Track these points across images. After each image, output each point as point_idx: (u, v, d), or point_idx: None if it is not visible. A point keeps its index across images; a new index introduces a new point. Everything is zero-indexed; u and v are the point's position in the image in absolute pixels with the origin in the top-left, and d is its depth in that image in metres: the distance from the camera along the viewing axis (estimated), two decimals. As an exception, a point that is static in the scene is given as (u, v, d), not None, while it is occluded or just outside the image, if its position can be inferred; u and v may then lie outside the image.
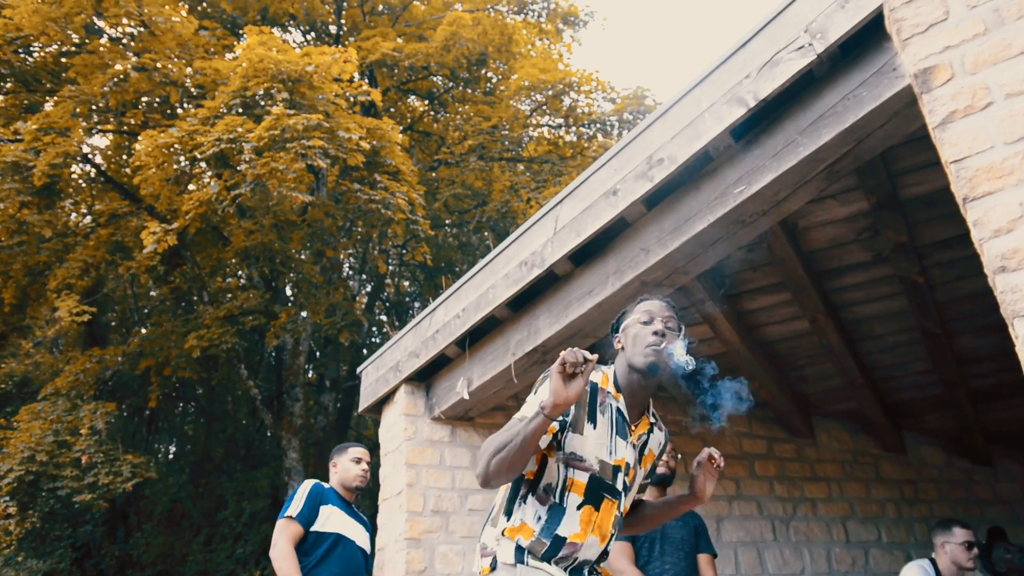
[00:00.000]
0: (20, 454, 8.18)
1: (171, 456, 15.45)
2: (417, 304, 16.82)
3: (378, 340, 15.26)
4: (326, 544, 3.17)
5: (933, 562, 3.62)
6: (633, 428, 1.88)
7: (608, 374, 1.93)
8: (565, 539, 1.76)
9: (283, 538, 3.11)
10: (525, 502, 1.83)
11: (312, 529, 3.18)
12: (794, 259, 3.96)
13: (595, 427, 1.83)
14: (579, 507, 1.78)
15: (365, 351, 14.31)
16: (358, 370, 5.61)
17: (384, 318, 16.13)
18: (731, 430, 5.41)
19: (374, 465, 5.47)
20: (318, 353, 13.01)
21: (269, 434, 12.75)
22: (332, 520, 3.24)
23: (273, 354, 13.42)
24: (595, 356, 1.66)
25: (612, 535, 1.83)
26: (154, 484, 11.33)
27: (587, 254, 3.63)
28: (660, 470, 3.55)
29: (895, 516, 5.63)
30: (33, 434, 8.39)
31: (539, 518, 1.79)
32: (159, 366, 10.37)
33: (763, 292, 4.42)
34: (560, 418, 1.79)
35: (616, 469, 1.82)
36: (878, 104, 2.53)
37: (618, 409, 1.87)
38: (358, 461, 3.48)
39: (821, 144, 2.68)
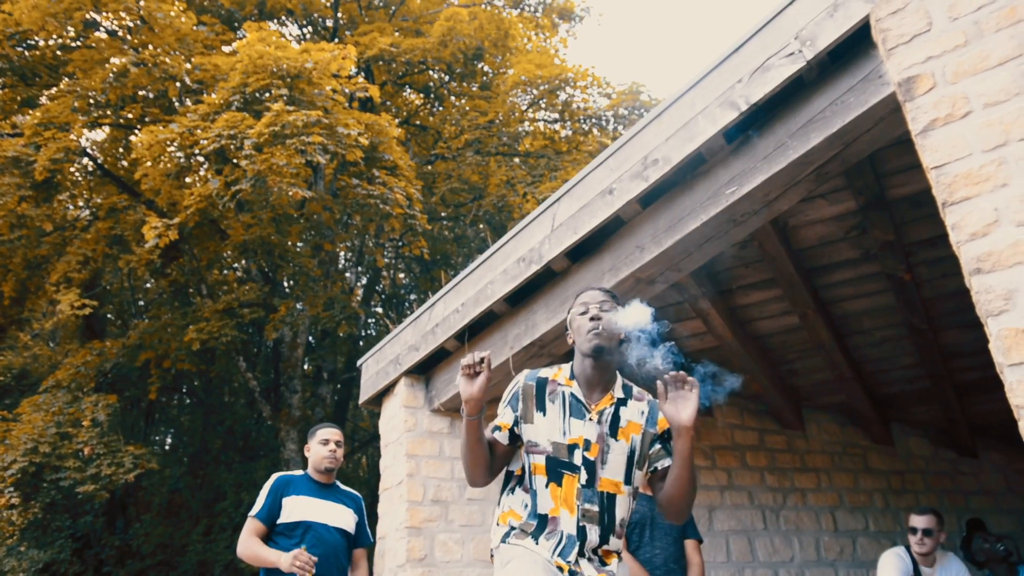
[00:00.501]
0: (23, 445, 8.26)
1: (167, 447, 15.51)
2: (413, 296, 16.87)
3: (374, 333, 15.32)
4: (298, 532, 3.34)
5: (908, 548, 3.81)
6: (592, 407, 2.06)
7: (565, 367, 2.15)
8: (547, 516, 1.99)
9: (245, 534, 3.36)
10: (512, 493, 2.08)
11: (279, 521, 3.36)
12: (785, 256, 4.07)
13: (545, 415, 2.06)
14: (547, 485, 2.01)
15: (361, 343, 14.38)
16: (358, 363, 5.69)
17: (380, 310, 16.20)
18: (723, 421, 5.53)
19: (374, 456, 5.57)
20: (315, 345, 13.08)
21: (268, 424, 12.82)
22: (297, 509, 3.38)
23: (271, 346, 13.49)
24: (487, 353, 1.94)
25: (578, 507, 1.98)
26: (152, 475, 11.39)
27: (584, 251, 3.73)
28: None
29: (882, 506, 5.77)
30: (35, 426, 8.46)
31: (525, 505, 2.03)
32: (158, 359, 10.44)
33: (755, 288, 4.53)
34: (514, 415, 2.07)
35: (572, 447, 2.02)
36: (865, 110, 2.63)
37: (572, 394, 2.07)
38: (325, 443, 3.54)
39: (810, 147, 2.78)
